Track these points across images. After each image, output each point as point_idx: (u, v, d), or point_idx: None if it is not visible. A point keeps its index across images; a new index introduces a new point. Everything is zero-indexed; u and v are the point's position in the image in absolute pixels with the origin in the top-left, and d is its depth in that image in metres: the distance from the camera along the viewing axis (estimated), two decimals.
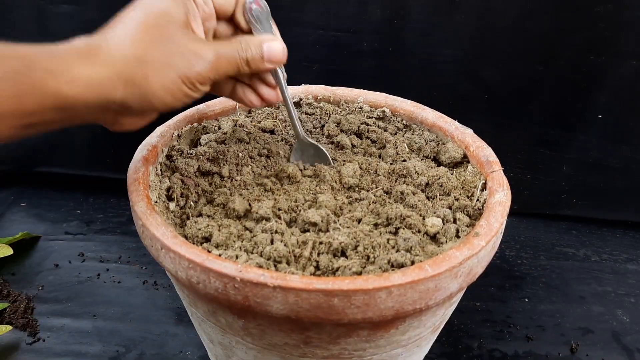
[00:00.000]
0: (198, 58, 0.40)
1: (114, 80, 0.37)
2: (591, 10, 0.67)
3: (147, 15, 0.39)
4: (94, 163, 0.85)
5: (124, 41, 0.38)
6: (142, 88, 0.38)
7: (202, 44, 0.40)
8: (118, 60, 0.37)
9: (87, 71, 0.36)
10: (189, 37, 0.40)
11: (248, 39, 0.43)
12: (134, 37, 0.38)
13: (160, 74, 0.38)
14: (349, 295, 0.36)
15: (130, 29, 0.38)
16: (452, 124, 0.55)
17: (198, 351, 0.60)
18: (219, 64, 0.41)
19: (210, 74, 0.41)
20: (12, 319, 0.63)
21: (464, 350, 0.62)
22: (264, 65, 0.44)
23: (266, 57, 0.44)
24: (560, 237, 0.81)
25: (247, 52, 0.43)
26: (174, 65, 0.39)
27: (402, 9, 0.70)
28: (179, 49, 0.39)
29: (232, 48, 0.42)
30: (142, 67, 0.38)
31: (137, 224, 0.43)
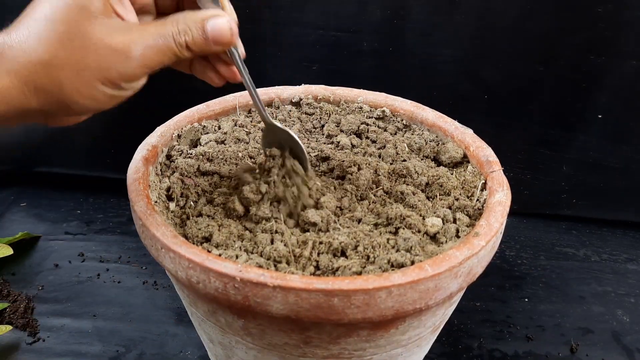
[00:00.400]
0: (118, 55, 0.34)
1: (22, 90, 0.33)
2: (591, 10, 0.67)
3: (55, 8, 0.33)
4: (94, 163, 0.85)
5: (28, 43, 0.33)
6: (56, 95, 0.34)
7: (124, 36, 0.34)
8: (23, 66, 0.33)
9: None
10: (107, 30, 0.34)
11: (186, 18, 0.36)
12: (40, 37, 0.33)
13: (74, 77, 0.33)
14: (349, 295, 0.36)
15: (35, 27, 0.33)
16: (452, 124, 0.55)
17: (198, 351, 0.60)
18: (147, 57, 0.35)
19: (137, 71, 0.35)
20: (12, 319, 0.63)
21: (464, 350, 0.62)
22: (209, 47, 0.37)
23: (210, 38, 0.37)
24: (560, 237, 0.81)
25: (186, 35, 0.36)
26: (88, 67, 0.33)
27: (402, 9, 0.70)
28: (93, 47, 0.33)
29: (164, 33, 0.35)
30: (51, 72, 0.33)
31: (137, 224, 0.43)
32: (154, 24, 0.36)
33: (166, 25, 0.36)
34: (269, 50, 0.74)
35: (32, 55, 0.33)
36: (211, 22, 0.36)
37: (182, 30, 0.36)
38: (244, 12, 0.70)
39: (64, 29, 0.33)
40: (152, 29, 0.35)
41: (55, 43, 0.33)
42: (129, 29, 0.35)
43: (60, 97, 0.34)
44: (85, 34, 0.33)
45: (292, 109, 0.60)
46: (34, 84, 0.33)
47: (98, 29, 0.33)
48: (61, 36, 0.33)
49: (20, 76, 0.33)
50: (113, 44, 0.34)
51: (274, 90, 0.61)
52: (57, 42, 0.33)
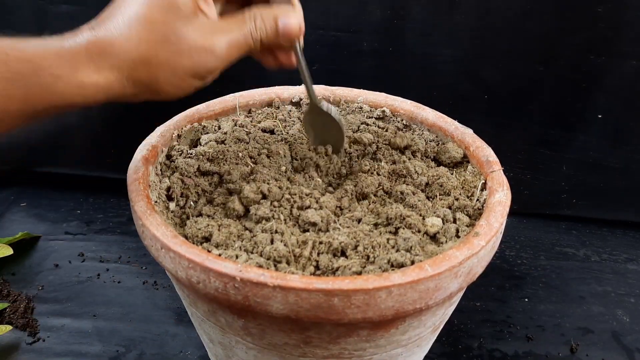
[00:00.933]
0: (208, 54, 0.38)
1: (122, 82, 0.37)
2: (591, 10, 0.67)
3: (150, 8, 0.36)
4: (94, 163, 0.85)
5: (128, 40, 0.36)
6: (152, 86, 0.38)
7: (212, 35, 0.38)
8: (125, 62, 0.36)
9: (94, 77, 0.36)
10: (198, 30, 0.38)
11: (262, 14, 0.40)
12: (139, 35, 0.36)
13: (170, 74, 0.38)
14: (349, 295, 0.36)
15: (134, 24, 0.36)
16: (452, 124, 0.55)
17: (198, 351, 0.60)
18: (230, 53, 0.39)
19: (221, 65, 0.39)
20: (12, 319, 0.63)
21: (464, 350, 0.62)
22: (279, 41, 0.42)
23: (281, 34, 0.41)
24: (560, 237, 0.81)
25: (261, 31, 0.40)
26: (183, 65, 0.38)
27: (402, 9, 0.70)
28: (187, 47, 0.37)
29: (244, 31, 0.40)
30: (151, 68, 0.37)
31: (137, 223, 0.43)
32: (235, 21, 0.40)
33: (245, 22, 0.40)
34: None
35: (134, 54, 0.36)
36: (283, 20, 0.41)
37: (259, 27, 0.40)
38: None
39: (162, 30, 0.37)
40: (234, 27, 0.39)
41: (153, 43, 0.36)
42: (215, 28, 0.39)
43: (155, 87, 0.38)
44: (180, 36, 0.37)
45: (292, 109, 0.60)
46: (132, 78, 0.37)
47: (191, 30, 0.37)
48: (160, 37, 0.36)
49: (123, 71, 0.36)
50: (205, 45, 0.38)
51: (274, 90, 0.61)
52: (155, 42, 0.36)
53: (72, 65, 0.35)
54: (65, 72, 0.35)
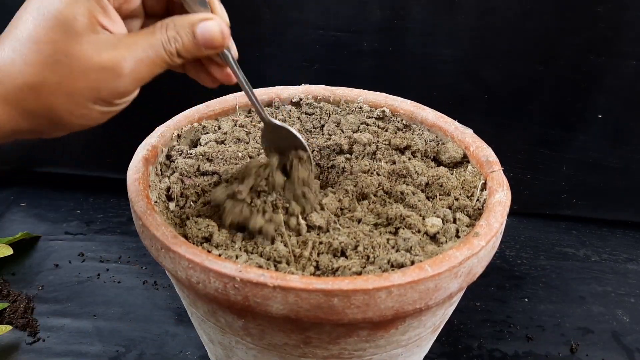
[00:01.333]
0: (108, 73, 0.32)
1: (10, 114, 0.32)
2: (591, 10, 0.67)
3: (38, 27, 0.31)
4: (94, 163, 0.85)
5: (14, 66, 0.31)
6: (47, 117, 0.33)
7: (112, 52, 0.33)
8: (10, 91, 0.31)
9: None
10: (94, 48, 0.32)
11: (175, 23, 0.35)
12: (26, 60, 0.31)
13: (65, 101, 0.32)
14: (349, 295, 0.36)
15: (20, 49, 0.31)
16: (452, 124, 0.55)
17: (198, 351, 0.60)
18: (139, 71, 0.33)
19: (129, 86, 0.34)
20: (12, 319, 0.63)
21: (464, 350, 0.62)
22: (201, 52, 0.36)
23: (202, 42, 0.35)
24: (560, 237, 0.81)
25: (176, 42, 0.34)
26: (78, 89, 0.32)
27: (402, 9, 0.70)
28: (82, 68, 0.32)
29: (154, 43, 0.34)
30: (41, 96, 0.32)
31: (137, 224, 0.43)
32: (143, 33, 0.35)
33: (155, 33, 0.34)
34: (269, 50, 0.74)
35: (19, 80, 0.31)
36: (201, 26, 0.35)
37: (172, 37, 0.35)
38: (244, 12, 0.70)
39: (50, 50, 0.31)
40: (141, 40, 0.34)
41: (42, 66, 0.31)
42: (117, 43, 0.33)
43: (51, 118, 0.33)
44: (73, 55, 0.32)
45: (292, 109, 0.60)
46: (22, 108, 0.32)
47: (85, 48, 0.32)
48: (48, 59, 0.31)
49: (9, 101, 0.31)
50: (102, 63, 0.32)
51: (274, 90, 0.61)
52: (44, 65, 0.31)
53: None
54: None
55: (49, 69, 0.31)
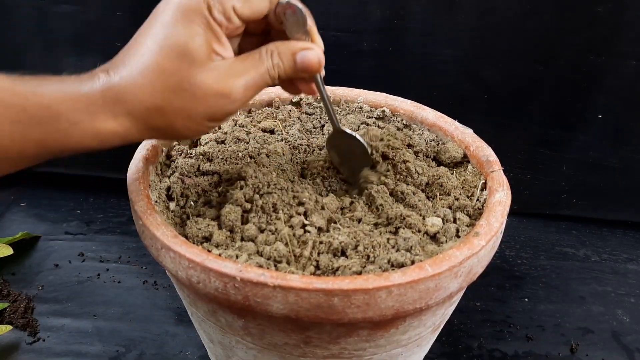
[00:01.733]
0: (224, 98, 0.37)
1: (139, 128, 0.37)
2: (591, 10, 0.67)
3: (163, 56, 0.36)
4: (94, 163, 0.85)
5: (142, 88, 0.36)
6: (168, 133, 0.38)
7: (227, 77, 0.37)
8: (140, 111, 0.36)
9: (111, 124, 0.36)
10: (212, 75, 0.37)
11: (279, 50, 0.39)
12: (152, 84, 0.36)
13: (186, 120, 0.37)
14: (349, 295, 0.36)
15: (146, 73, 0.36)
16: (452, 124, 0.55)
17: (198, 351, 0.60)
18: (247, 94, 0.38)
19: (239, 108, 0.39)
20: (12, 319, 0.63)
21: (464, 350, 0.62)
22: (297, 75, 0.41)
23: (300, 69, 0.40)
24: (560, 237, 0.81)
25: (278, 68, 0.39)
26: (198, 111, 0.37)
27: (402, 9, 0.70)
28: (202, 95, 0.36)
29: (260, 70, 0.39)
30: (166, 116, 0.37)
31: (137, 223, 0.43)
32: (250, 59, 0.39)
33: (262, 60, 0.39)
34: None
35: (148, 103, 0.36)
36: (301, 55, 0.40)
37: (276, 64, 0.39)
38: None
39: (175, 79, 0.36)
40: (250, 67, 0.38)
41: (169, 93, 0.36)
42: (230, 71, 0.37)
43: (170, 133, 0.38)
44: (194, 84, 0.36)
45: (292, 109, 0.60)
46: (149, 126, 0.37)
47: (205, 77, 0.36)
48: (173, 86, 0.36)
49: (139, 118, 0.36)
50: (219, 90, 0.37)
51: (274, 90, 0.61)
52: (170, 92, 0.36)
53: (89, 112, 0.35)
54: (82, 119, 0.35)
55: (174, 95, 0.36)
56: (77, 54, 0.75)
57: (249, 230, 0.42)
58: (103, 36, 0.73)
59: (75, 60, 0.76)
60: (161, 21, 0.36)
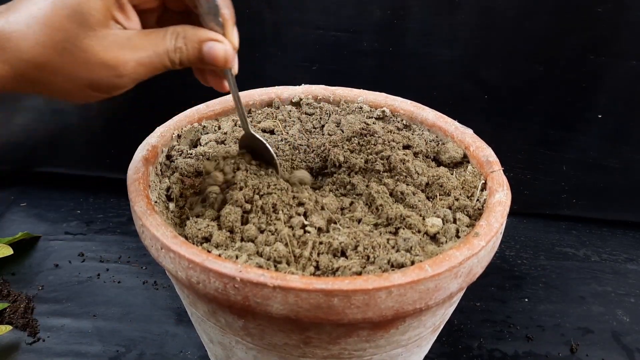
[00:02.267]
0: (110, 70, 0.35)
1: (16, 79, 0.35)
2: (591, 10, 0.67)
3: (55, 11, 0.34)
4: (94, 163, 0.85)
5: (24, 39, 0.34)
6: (49, 90, 0.36)
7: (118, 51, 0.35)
8: (18, 61, 0.34)
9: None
10: (102, 44, 0.34)
11: (185, 34, 0.37)
12: (36, 38, 0.34)
13: (64, 81, 0.35)
14: (349, 295, 0.36)
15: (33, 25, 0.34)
16: (452, 124, 0.55)
17: (198, 351, 0.60)
18: (138, 72, 0.36)
19: (127, 84, 0.36)
20: (12, 319, 0.63)
21: (464, 350, 0.62)
22: (202, 65, 0.38)
23: (206, 60, 0.38)
24: (560, 237, 0.81)
25: (180, 53, 0.37)
26: (79, 76, 0.35)
27: (402, 9, 0.70)
28: (86, 60, 0.34)
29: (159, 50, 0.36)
30: (44, 74, 0.35)
31: (137, 224, 0.43)
32: (152, 36, 0.36)
33: (164, 39, 0.36)
34: (269, 50, 0.74)
35: (29, 55, 0.34)
36: (209, 45, 0.37)
37: (178, 47, 0.37)
38: (244, 12, 0.70)
39: (60, 37, 0.34)
40: (148, 43, 0.36)
41: (50, 50, 0.34)
42: (124, 43, 0.35)
43: (48, 91, 0.36)
44: (81, 47, 0.34)
45: (292, 109, 0.60)
46: (26, 78, 0.35)
47: (94, 43, 0.34)
48: (57, 44, 0.34)
49: (15, 69, 0.34)
50: (105, 60, 0.34)
51: (274, 90, 0.61)
52: (52, 49, 0.34)
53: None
54: None
55: (56, 53, 0.34)
56: None
57: (249, 231, 0.42)
58: None
59: None
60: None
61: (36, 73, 0.35)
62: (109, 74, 0.35)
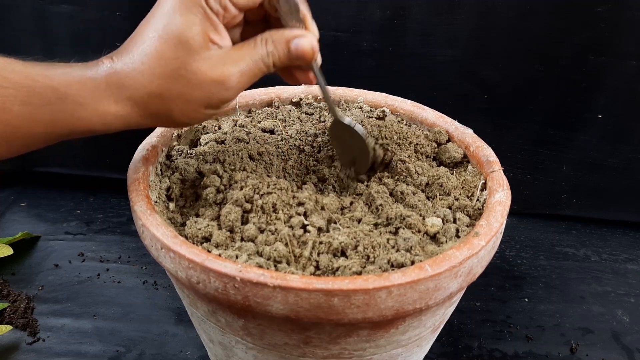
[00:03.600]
0: (220, 85, 0.39)
1: (139, 114, 0.39)
2: (591, 10, 0.67)
3: (163, 44, 0.38)
4: (94, 163, 0.85)
5: (142, 75, 0.38)
6: (167, 119, 0.40)
7: (223, 65, 0.39)
8: (141, 97, 0.38)
9: (114, 107, 0.38)
10: (208, 62, 0.38)
11: (273, 38, 0.41)
12: (152, 71, 0.38)
13: (183, 107, 0.39)
14: (349, 295, 0.36)
15: (146, 60, 0.38)
16: (452, 124, 0.55)
17: (198, 351, 0.60)
18: (242, 82, 0.40)
19: (234, 94, 0.40)
20: (12, 319, 0.63)
21: (464, 350, 0.62)
22: (292, 63, 0.42)
23: (294, 57, 0.41)
24: (560, 237, 0.81)
25: (272, 56, 0.40)
26: (195, 98, 0.39)
27: (402, 9, 0.70)
28: (198, 82, 0.38)
29: (255, 58, 0.40)
30: (164, 102, 0.38)
31: (137, 224, 0.43)
32: (246, 47, 0.40)
33: (256, 48, 0.40)
34: None
35: (148, 89, 0.38)
36: (295, 42, 0.41)
37: (270, 52, 0.40)
38: None
39: (173, 66, 0.37)
40: (245, 55, 0.40)
41: (167, 79, 0.38)
42: (226, 59, 0.39)
43: (169, 118, 0.40)
44: (191, 71, 0.38)
45: (292, 109, 0.60)
46: (149, 110, 0.39)
47: (201, 64, 0.38)
48: (172, 73, 0.38)
49: (139, 104, 0.38)
50: (215, 77, 0.38)
51: (274, 90, 0.61)
52: (168, 78, 0.38)
53: (93, 95, 0.37)
54: (87, 101, 0.37)
55: (172, 81, 0.38)
56: (77, 54, 0.75)
57: (249, 231, 0.42)
58: (103, 36, 0.73)
59: (74, 61, 0.75)
60: (161, 11, 0.38)
61: (157, 103, 0.38)
62: (219, 89, 0.39)
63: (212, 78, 0.38)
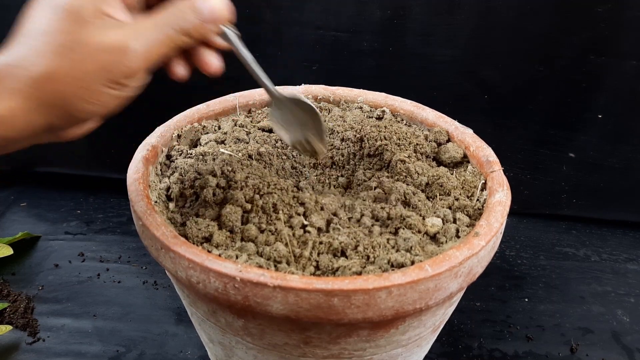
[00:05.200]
0: (116, 52, 0.33)
1: (29, 108, 0.32)
2: (591, 10, 0.67)
3: (49, 20, 0.33)
4: (94, 163, 0.85)
5: (28, 59, 0.32)
6: (62, 106, 0.33)
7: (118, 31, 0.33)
8: (25, 83, 0.32)
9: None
10: (101, 30, 0.33)
11: (181, 5, 0.36)
12: (38, 51, 0.32)
13: (77, 87, 0.33)
14: (349, 295, 0.36)
15: (33, 41, 0.32)
16: (452, 124, 0.55)
17: (198, 351, 0.60)
18: (148, 51, 0.34)
19: (140, 65, 0.34)
20: (12, 319, 0.63)
21: (464, 350, 0.62)
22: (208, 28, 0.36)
23: (208, 17, 0.36)
24: (560, 237, 0.81)
25: (185, 21, 0.35)
26: (89, 72, 0.33)
27: (402, 9, 0.70)
28: (90, 50, 0.32)
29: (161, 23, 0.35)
30: (54, 84, 0.32)
31: (137, 224, 0.43)
32: (149, 16, 0.35)
33: (162, 14, 0.35)
34: (269, 50, 0.74)
35: (33, 70, 0.32)
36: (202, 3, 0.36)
37: (181, 18, 0.35)
38: (244, 12, 0.70)
39: (60, 39, 0.32)
40: (147, 21, 0.35)
41: (54, 55, 0.32)
42: (124, 26, 0.34)
43: (65, 107, 0.33)
44: (82, 40, 0.32)
45: None
46: (37, 100, 0.32)
47: (92, 32, 0.33)
48: (59, 47, 0.32)
49: (24, 94, 0.32)
50: (110, 42, 0.33)
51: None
52: (56, 53, 0.32)
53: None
54: None
55: (61, 56, 0.32)
56: None
57: (249, 231, 0.42)
58: None
59: None
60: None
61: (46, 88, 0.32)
62: (115, 56, 0.33)
63: (106, 44, 0.33)
